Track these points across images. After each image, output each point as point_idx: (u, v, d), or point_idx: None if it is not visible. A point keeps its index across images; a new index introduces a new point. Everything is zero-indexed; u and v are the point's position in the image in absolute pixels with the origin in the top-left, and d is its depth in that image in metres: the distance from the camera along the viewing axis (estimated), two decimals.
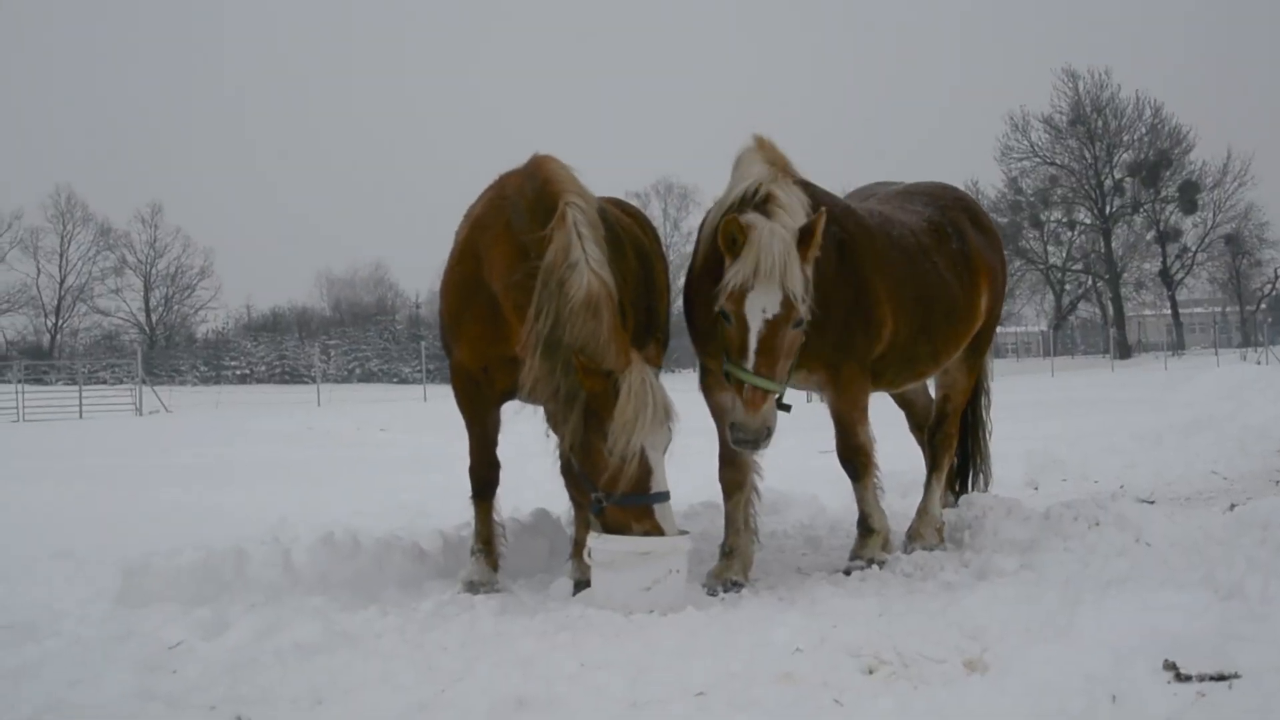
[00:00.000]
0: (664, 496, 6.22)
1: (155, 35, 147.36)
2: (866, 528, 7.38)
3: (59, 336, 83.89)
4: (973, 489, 9.05)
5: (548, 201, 6.49)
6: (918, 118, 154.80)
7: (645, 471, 6.18)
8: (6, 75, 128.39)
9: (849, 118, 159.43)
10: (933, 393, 8.88)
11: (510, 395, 7.27)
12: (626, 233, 7.22)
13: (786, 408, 6.68)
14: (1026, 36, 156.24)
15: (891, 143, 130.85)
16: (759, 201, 6.55)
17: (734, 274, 6.28)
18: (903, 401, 9.11)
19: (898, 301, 7.40)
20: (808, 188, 7.18)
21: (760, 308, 6.27)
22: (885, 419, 8.90)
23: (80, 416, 37.05)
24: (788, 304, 6.27)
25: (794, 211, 6.52)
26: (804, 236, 6.36)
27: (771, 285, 6.22)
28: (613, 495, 6.22)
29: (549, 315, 6.25)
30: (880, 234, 7.53)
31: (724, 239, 6.36)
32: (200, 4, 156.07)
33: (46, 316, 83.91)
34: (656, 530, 6.18)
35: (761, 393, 6.28)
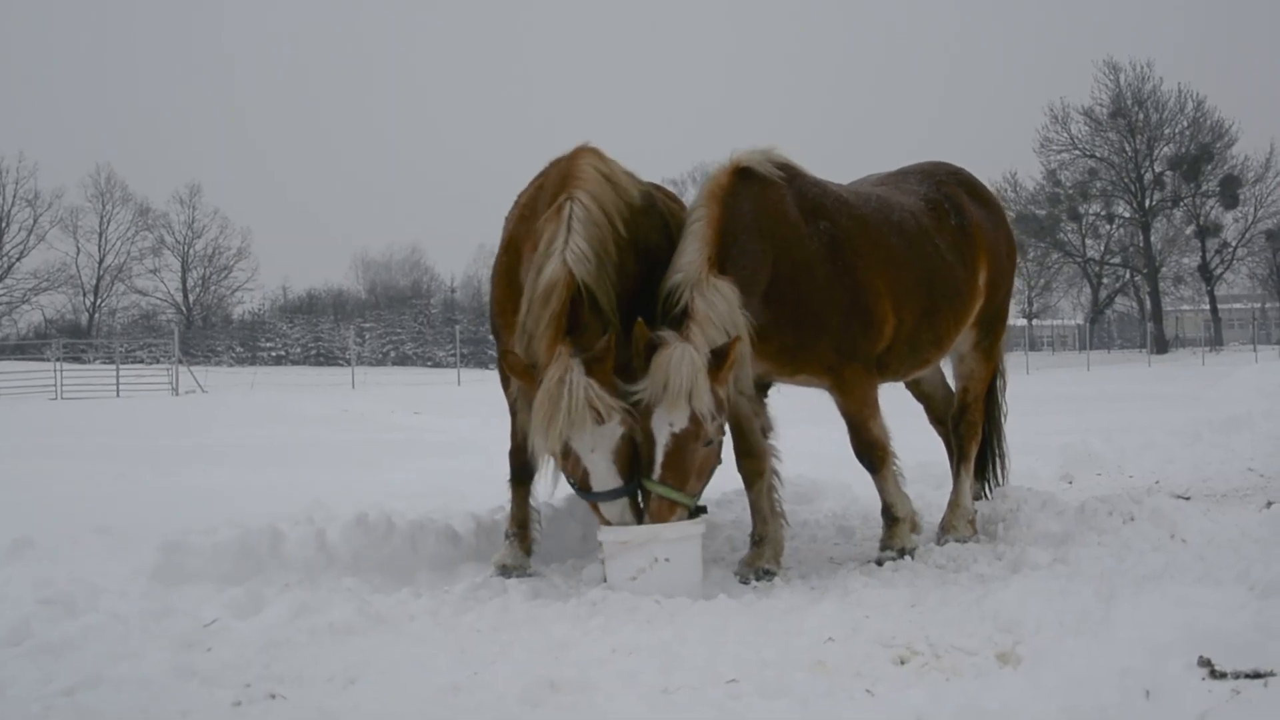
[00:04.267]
0: (605, 495, 6.22)
1: (198, 16, 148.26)
2: (891, 516, 7.36)
3: (97, 316, 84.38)
4: (992, 474, 8.98)
5: (561, 196, 6.54)
6: (940, 113, 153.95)
7: (579, 471, 6.25)
8: (48, 55, 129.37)
9: (858, 110, 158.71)
10: (951, 384, 8.80)
11: None
12: (675, 220, 7.19)
13: (702, 509, 6.66)
14: (1026, 30, 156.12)
15: (894, 137, 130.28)
16: (679, 313, 6.39)
17: (641, 391, 6.23)
18: (920, 394, 8.98)
19: (900, 293, 7.29)
20: (796, 179, 7.11)
21: (667, 422, 6.21)
22: (913, 409, 8.87)
23: (117, 395, 37.32)
24: (696, 421, 6.20)
25: (714, 323, 6.34)
26: (718, 359, 6.25)
27: (679, 403, 6.15)
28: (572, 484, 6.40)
29: (526, 302, 6.37)
30: (878, 221, 7.39)
31: (634, 347, 6.32)
32: None
33: (85, 295, 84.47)
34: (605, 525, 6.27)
35: (668, 504, 6.23)
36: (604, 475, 6.23)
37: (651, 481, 6.25)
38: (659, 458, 6.24)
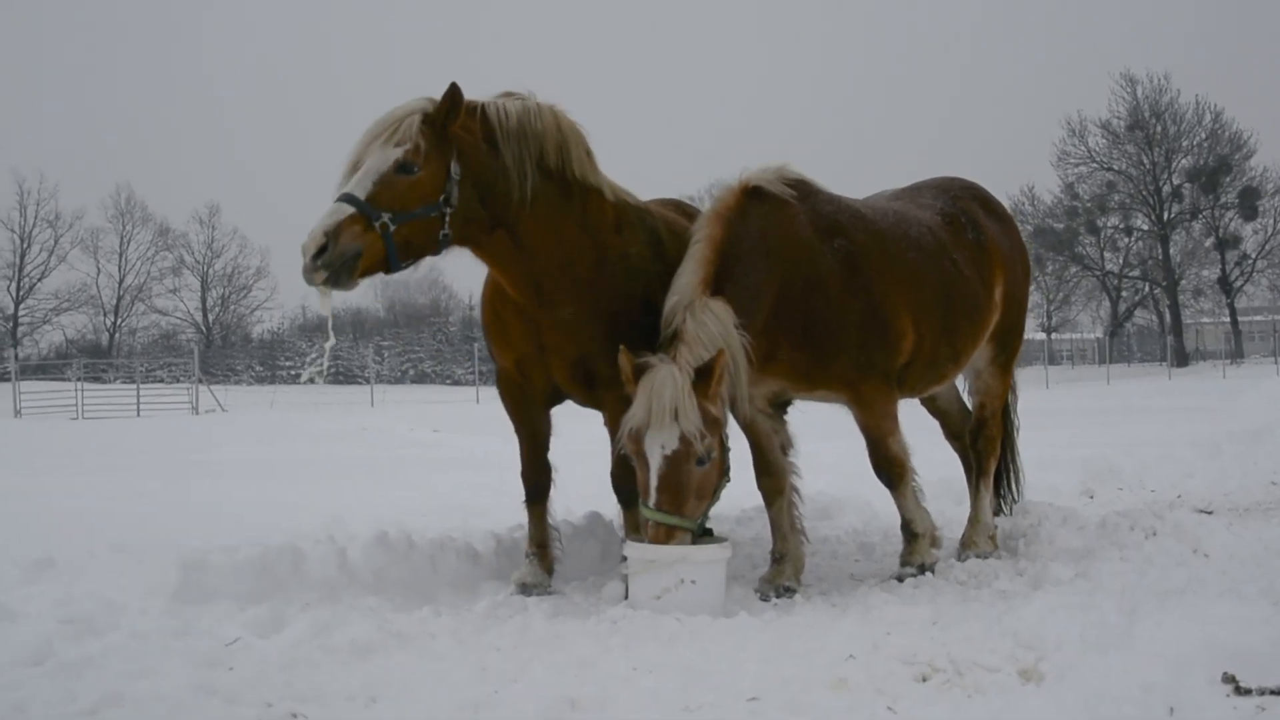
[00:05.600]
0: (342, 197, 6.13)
1: (214, 36, 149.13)
2: (911, 532, 7.32)
3: (118, 335, 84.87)
4: (1006, 490, 8.93)
5: None
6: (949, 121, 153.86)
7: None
8: (68, 76, 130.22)
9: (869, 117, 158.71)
10: (967, 399, 8.76)
11: (558, 398, 7.31)
12: (674, 232, 7.19)
13: (708, 532, 6.62)
14: (1034, 38, 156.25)
15: (905, 149, 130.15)
16: (670, 335, 6.37)
17: (629, 417, 6.21)
18: (936, 410, 8.90)
19: (919, 307, 7.24)
20: (810, 197, 7.03)
21: (659, 444, 6.17)
22: (932, 424, 8.84)
23: (138, 415, 37.48)
24: (686, 441, 6.14)
25: (703, 343, 6.26)
26: (705, 374, 6.18)
27: (666, 424, 6.10)
28: None
29: None
30: (896, 236, 7.32)
31: (623, 374, 6.33)
32: (259, 6, 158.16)
33: (106, 316, 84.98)
34: None
35: (665, 529, 6.20)
36: (360, 181, 6.14)
37: (648, 509, 6.24)
38: (653, 481, 6.21)
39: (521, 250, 6.59)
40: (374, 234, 6.07)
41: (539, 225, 6.56)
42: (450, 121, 6.23)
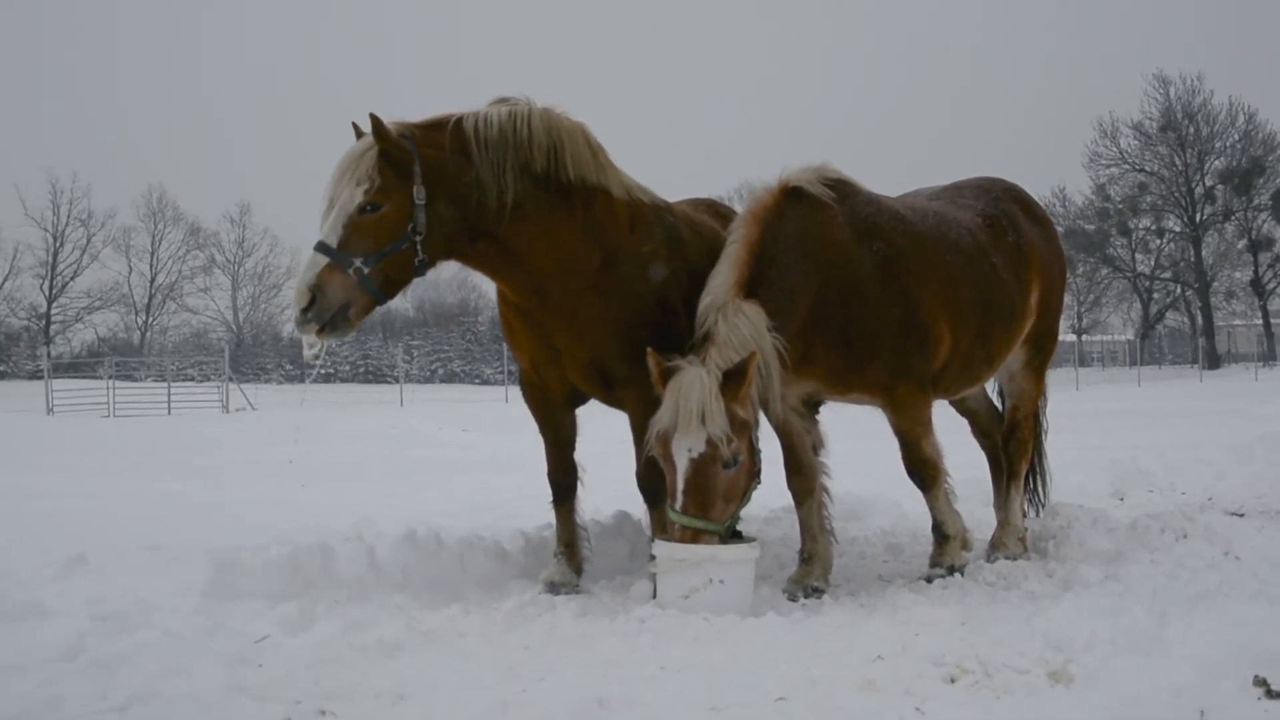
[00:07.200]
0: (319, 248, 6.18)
1: (244, 37, 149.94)
2: (942, 534, 7.29)
3: (149, 334, 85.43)
4: (1033, 492, 8.89)
5: None
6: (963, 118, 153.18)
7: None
8: (101, 76, 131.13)
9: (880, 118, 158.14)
10: (998, 401, 8.73)
11: (581, 399, 7.32)
12: (698, 232, 7.21)
13: (737, 533, 6.55)
14: (1034, 37, 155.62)
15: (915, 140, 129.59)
16: (701, 337, 6.34)
17: (656, 420, 6.20)
18: (965, 410, 8.82)
19: (956, 312, 7.18)
20: (849, 198, 6.97)
21: (685, 448, 6.15)
22: (961, 424, 8.80)
23: (168, 413, 37.68)
24: (713, 444, 6.11)
25: (734, 345, 6.22)
26: (735, 378, 6.14)
27: (693, 427, 6.07)
28: None
29: None
30: (935, 239, 7.26)
31: (652, 376, 6.32)
32: (293, 6, 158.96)
33: (137, 314, 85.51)
34: None
35: (691, 532, 6.17)
36: (332, 225, 6.17)
37: (675, 512, 6.22)
38: (680, 485, 6.20)
39: (511, 256, 6.58)
40: (352, 279, 6.12)
41: (528, 230, 6.52)
42: (395, 151, 6.19)
